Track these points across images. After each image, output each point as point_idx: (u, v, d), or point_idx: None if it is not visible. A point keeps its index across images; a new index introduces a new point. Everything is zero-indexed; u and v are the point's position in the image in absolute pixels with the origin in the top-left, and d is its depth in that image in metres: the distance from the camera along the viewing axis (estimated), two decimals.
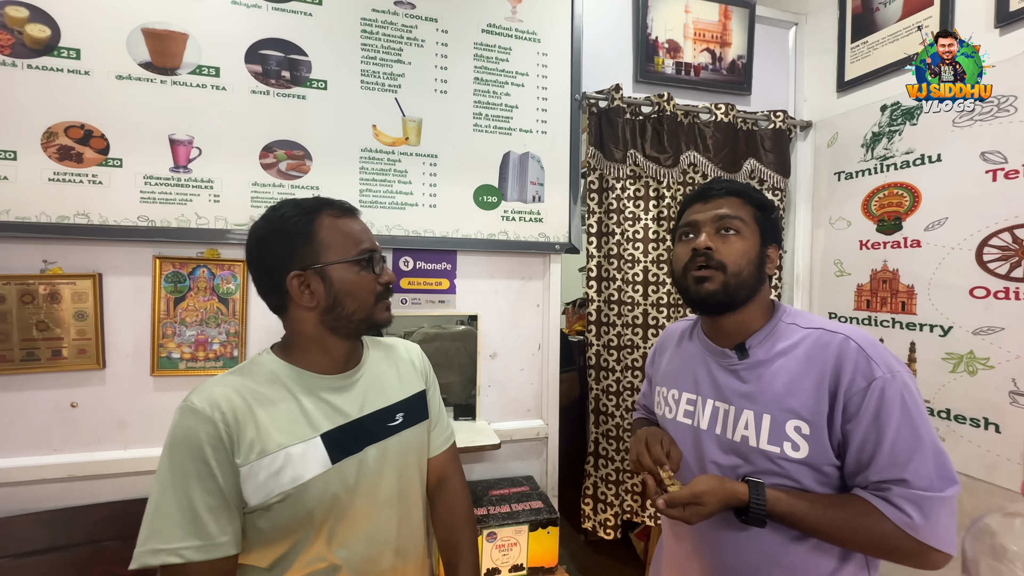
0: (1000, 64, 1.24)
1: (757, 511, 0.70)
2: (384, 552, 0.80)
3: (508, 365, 1.52)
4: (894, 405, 0.67)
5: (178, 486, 0.65)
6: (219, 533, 0.65)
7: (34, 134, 1.10)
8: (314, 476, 0.71)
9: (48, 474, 1.12)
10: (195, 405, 0.68)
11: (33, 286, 1.12)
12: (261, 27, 1.24)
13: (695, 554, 0.83)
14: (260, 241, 0.76)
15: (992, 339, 1.26)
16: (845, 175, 1.65)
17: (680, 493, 0.72)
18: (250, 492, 0.68)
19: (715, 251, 0.77)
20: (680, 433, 0.86)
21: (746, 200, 0.81)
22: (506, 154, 1.46)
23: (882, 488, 0.67)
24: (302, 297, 0.74)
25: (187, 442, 0.66)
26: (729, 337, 0.82)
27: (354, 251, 0.76)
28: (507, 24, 1.45)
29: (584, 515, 1.64)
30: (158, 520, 0.65)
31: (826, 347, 0.73)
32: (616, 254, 1.59)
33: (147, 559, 0.63)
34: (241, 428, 0.68)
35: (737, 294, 0.77)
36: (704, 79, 1.70)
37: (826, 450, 0.71)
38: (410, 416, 0.87)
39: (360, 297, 0.76)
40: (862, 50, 1.61)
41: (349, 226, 0.78)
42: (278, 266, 0.74)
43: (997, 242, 1.25)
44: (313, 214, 0.75)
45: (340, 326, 0.77)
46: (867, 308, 1.57)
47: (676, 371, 0.91)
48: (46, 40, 1.10)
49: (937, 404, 1.38)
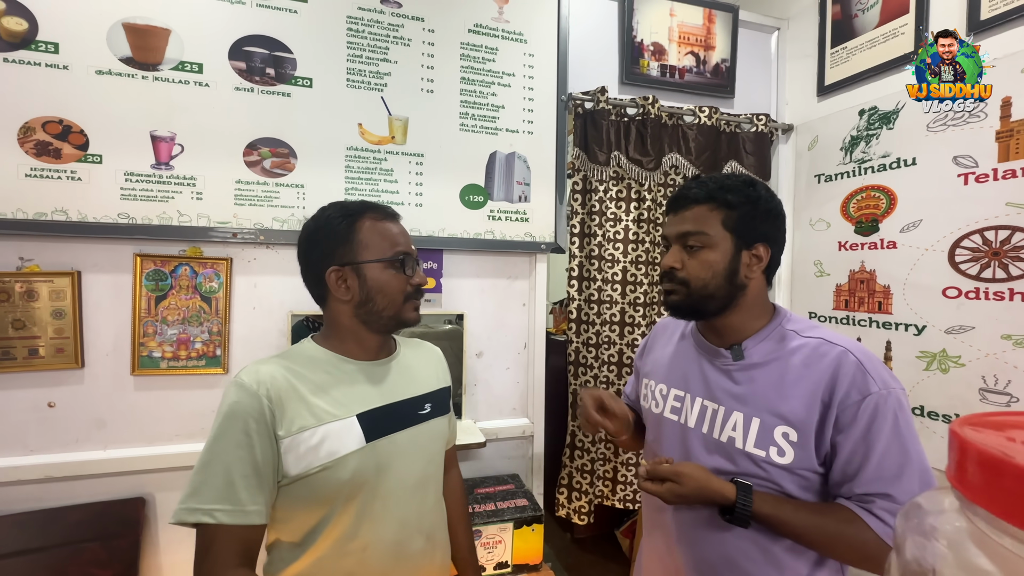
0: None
1: (743, 512, 0.70)
2: (414, 536, 0.84)
3: (494, 364, 1.52)
4: (886, 421, 0.68)
5: (220, 453, 0.71)
6: (249, 501, 0.71)
7: (10, 129, 1.08)
8: (349, 452, 0.77)
9: (24, 475, 1.10)
10: (244, 381, 0.74)
11: (9, 284, 1.10)
12: (245, 24, 1.23)
13: (674, 548, 0.85)
14: (307, 238, 0.84)
15: (963, 338, 1.30)
16: (825, 178, 1.69)
17: (663, 467, 0.73)
18: (291, 463, 0.74)
19: (679, 269, 0.79)
20: (666, 429, 0.87)
21: (716, 205, 0.77)
22: (492, 154, 1.46)
23: (866, 500, 0.68)
24: (339, 291, 0.81)
25: (233, 414, 0.72)
26: (723, 337, 0.81)
27: (389, 252, 0.82)
28: (494, 24, 1.46)
29: (558, 504, 1.66)
30: (198, 482, 0.71)
31: (824, 357, 0.72)
32: (597, 255, 1.61)
33: (184, 516, 0.69)
34: (284, 404, 0.75)
35: (705, 306, 0.78)
36: (688, 82, 1.72)
37: (811, 458, 0.71)
38: (437, 407, 0.92)
39: (390, 295, 0.82)
40: (841, 55, 1.65)
41: (387, 229, 0.84)
42: (320, 261, 0.81)
43: (968, 244, 1.29)
44: (355, 216, 0.82)
45: (372, 320, 0.83)
46: (845, 308, 1.61)
47: (666, 366, 0.91)
48: (23, 33, 1.08)
49: (911, 401, 1.42)
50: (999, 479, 0.21)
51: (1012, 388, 1.20)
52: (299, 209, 1.28)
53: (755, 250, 0.78)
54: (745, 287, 0.78)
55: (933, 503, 0.24)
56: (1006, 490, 0.20)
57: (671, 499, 0.72)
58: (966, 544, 0.21)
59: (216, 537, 0.68)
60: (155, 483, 1.20)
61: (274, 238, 1.26)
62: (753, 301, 0.80)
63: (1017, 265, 1.20)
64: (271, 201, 1.26)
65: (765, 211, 0.78)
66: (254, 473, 0.71)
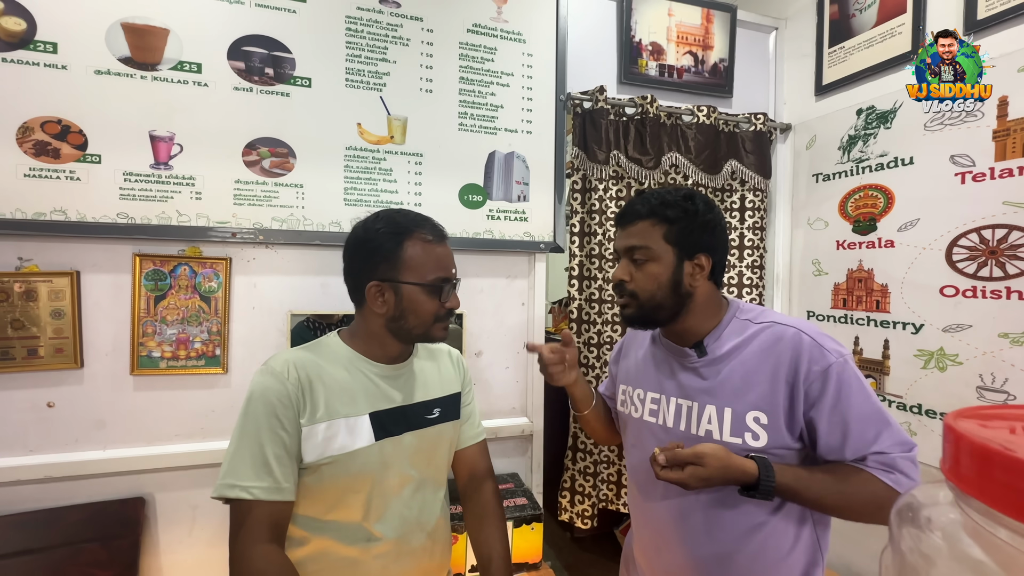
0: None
1: (767, 485, 0.71)
2: (416, 532, 0.88)
3: (493, 363, 1.53)
4: (851, 386, 0.73)
5: (252, 435, 0.75)
6: (283, 479, 0.75)
7: (9, 129, 1.08)
8: (359, 448, 0.81)
9: (23, 475, 1.10)
10: (274, 368, 0.79)
11: (8, 284, 1.10)
12: (244, 23, 1.23)
13: (661, 543, 0.86)
14: (355, 246, 0.87)
15: (961, 336, 1.30)
16: (823, 177, 1.70)
17: (682, 452, 0.73)
18: (307, 450, 0.78)
19: (628, 282, 0.84)
20: (646, 431, 0.89)
21: (657, 220, 0.82)
22: (491, 153, 1.46)
23: (861, 461, 0.73)
24: (375, 303, 0.84)
25: (264, 398, 0.77)
26: (684, 339, 0.85)
27: (430, 276, 0.85)
28: (492, 24, 1.46)
29: (561, 507, 1.66)
30: (235, 462, 0.75)
31: (779, 340, 0.77)
32: (598, 254, 1.61)
33: (224, 491, 0.74)
34: (308, 392, 0.79)
35: (656, 315, 0.83)
36: (687, 81, 1.73)
37: (783, 436, 0.75)
38: (446, 412, 0.95)
39: (422, 317, 0.85)
40: (839, 55, 1.65)
41: (433, 252, 0.86)
42: (363, 272, 0.85)
43: (965, 242, 1.29)
44: (403, 236, 0.84)
45: (400, 333, 0.87)
46: (843, 307, 1.61)
47: (641, 371, 0.94)
48: (21, 33, 1.08)
49: (909, 399, 1.42)
50: (992, 471, 0.21)
51: (1009, 386, 1.21)
52: (298, 209, 1.29)
53: (697, 260, 0.82)
54: (691, 295, 0.83)
55: (928, 496, 0.24)
56: (999, 482, 0.20)
57: (694, 483, 0.71)
58: (960, 536, 0.22)
59: (251, 512, 0.73)
60: (155, 483, 1.20)
61: (273, 238, 1.26)
62: (704, 304, 0.84)
63: (1014, 264, 1.20)
64: (270, 201, 1.26)
65: (703, 223, 0.82)
66: (285, 453, 0.76)
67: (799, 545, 0.79)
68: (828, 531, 0.82)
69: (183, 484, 1.22)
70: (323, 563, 0.81)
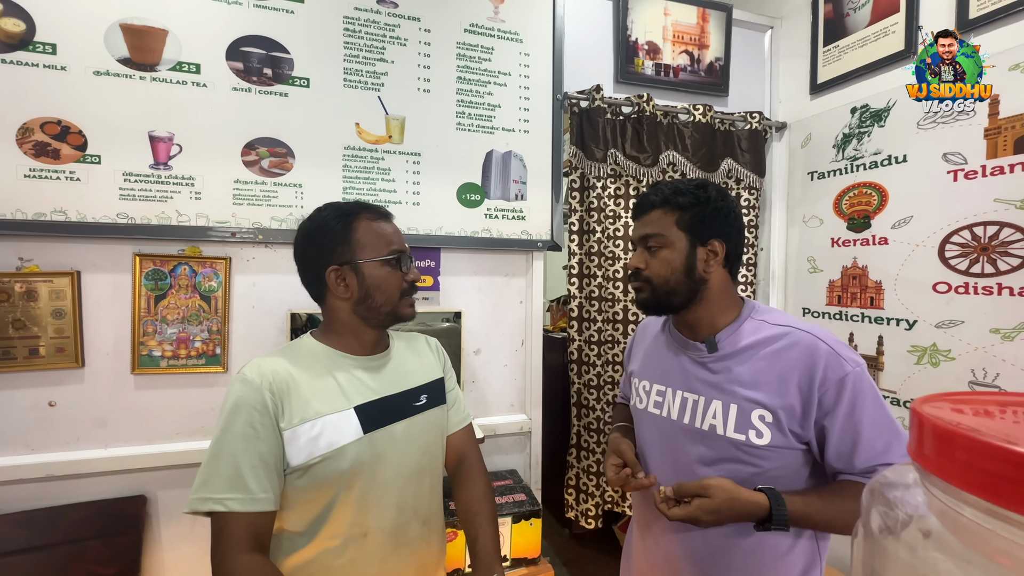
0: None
1: (780, 515, 0.70)
2: (411, 522, 0.88)
3: (492, 361, 1.54)
4: (865, 396, 0.73)
5: (227, 445, 0.74)
6: (259, 490, 0.74)
7: (8, 130, 1.09)
8: (348, 443, 0.80)
9: (25, 474, 1.11)
10: (248, 376, 0.78)
11: (8, 284, 1.11)
12: (242, 24, 1.24)
13: (659, 532, 0.87)
14: (304, 238, 0.86)
15: (953, 332, 1.32)
16: (818, 175, 1.71)
17: (688, 484, 0.73)
18: (292, 453, 0.77)
19: (643, 269, 0.85)
20: (650, 422, 0.90)
21: (670, 208, 0.83)
22: (489, 153, 1.47)
23: (870, 473, 0.72)
24: (338, 289, 0.84)
25: (238, 408, 0.76)
26: (696, 331, 0.86)
27: (385, 251, 0.85)
28: (490, 24, 1.47)
29: (567, 505, 1.67)
30: (208, 473, 0.74)
31: (796, 345, 0.76)
32: (597, 251, 1.62)
33: (196, 505, 0.72)
34: (286, 397, 0.78)
35: (670, 300, 0.84)
36: (683, 80, 1.74)
37: (787, 437, 0.75)
38: (432, 398, 0.95)
39: (387, 292, 0.85)
40: (833, 54, 1.67)
41: (383, 228, 0.87)
42: (319, 260, 0.84)
43: (958, 239, 1.31)
44: (352, 217, 0.85)
45: (369, 316, 0.87)
46: (838, 303, 1.63)
47: (649, 363, 0.95)
48: (20, 34, 1.09)
49: (903, 395, 1.44)
50: (951, 450, 0.22)
51: (1001, 381, 1.23)
52: (297, 208, 1.29)
53: (710, 246, 0.83)
54: (706, 281, 0.83)
55: (899, 476, 0.25)
56: (958, 460, 0.22)
57: (703, 516, 0.71)
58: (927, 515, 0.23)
59: (227, 524, 0.72)
60: (156, 481, 1.21)
61: (273, 237, 1.27)
62: (718, 295, 0.84)
63: (1005, 260, 1.21)
64: (269, 200, 1.27)
65: (715, 210, 0.83)
66: (261, 463, 0.74)
67: (798, 545, 0.79)
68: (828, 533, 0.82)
69: (184, 481, 1.23)
70: (321, 565, 0.80)
